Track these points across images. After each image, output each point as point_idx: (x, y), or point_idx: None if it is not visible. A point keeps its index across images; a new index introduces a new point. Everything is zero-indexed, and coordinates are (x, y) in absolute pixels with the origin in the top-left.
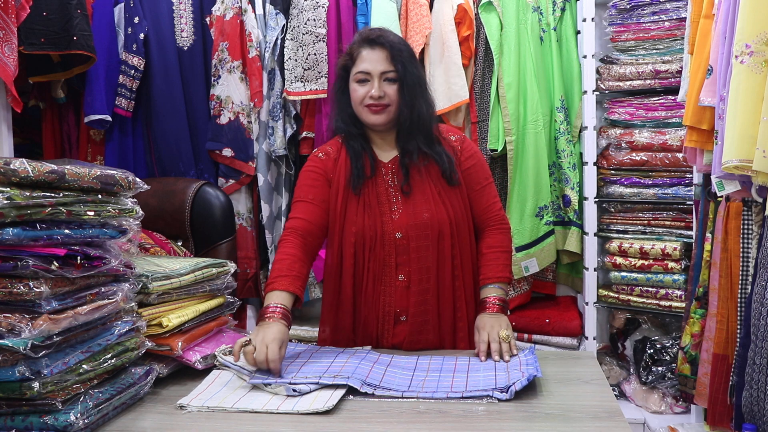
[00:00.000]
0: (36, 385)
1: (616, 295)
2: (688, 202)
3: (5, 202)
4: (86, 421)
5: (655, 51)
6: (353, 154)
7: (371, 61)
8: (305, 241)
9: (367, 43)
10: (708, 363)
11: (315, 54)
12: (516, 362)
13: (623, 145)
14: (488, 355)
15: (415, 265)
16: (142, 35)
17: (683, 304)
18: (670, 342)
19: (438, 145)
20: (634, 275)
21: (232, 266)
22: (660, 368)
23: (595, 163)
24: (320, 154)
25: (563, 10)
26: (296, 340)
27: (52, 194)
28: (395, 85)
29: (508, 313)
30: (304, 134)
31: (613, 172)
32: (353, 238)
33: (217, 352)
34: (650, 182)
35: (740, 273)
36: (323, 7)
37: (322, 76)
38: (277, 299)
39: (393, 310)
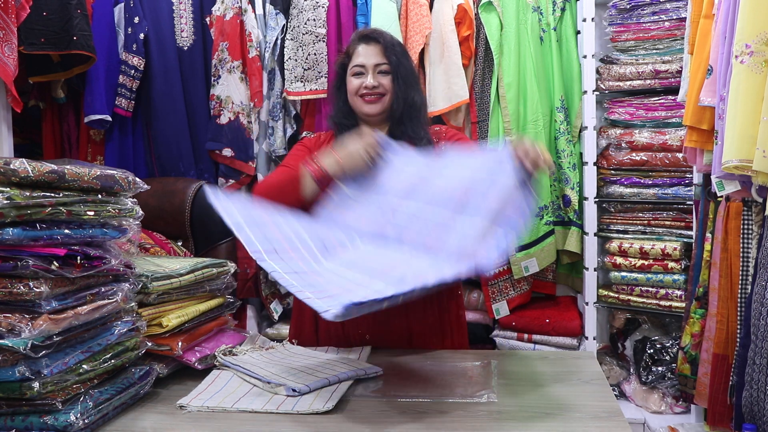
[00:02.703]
0: (36, 385)
1: (616, 295)
2: (688, 202)
3: (5, 202)
4: (86, 421)
5: (655, 51)
6: (339, 139)
7: (366, 55)
8: None
9: (362, 39)
10: (708, 363)
11: (315, 54)
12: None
13: (623, 145)
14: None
15: None
16: (142, 35)
17: (683, 304)
18: (670, 342)
19: (425, 133)
20: (634, 275)
21: (232, 266)
22: (660, 368)
23: (595, 163)
24: (312, 134)
25: (563, 10)
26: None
27: (52, 194)
28: (389, 76)
29: None
30: (304, 134)
31: (613, 172)
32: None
33: (217, 352)
34: (650, 182)
35: (740, 273)
36: (323, 7)
37: (322, 76)
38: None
39: None
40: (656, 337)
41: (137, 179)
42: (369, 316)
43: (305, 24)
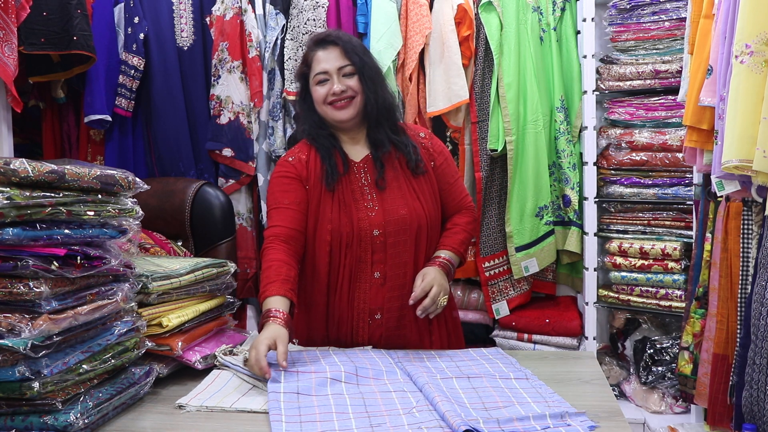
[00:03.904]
0: (36, 385)
1: (616, 295)
2: (688, 202)
3: (5, 202)
4: (86, 421)
5: (655, 51)
6: (324, 152)
7: (326, 60)
8: (288, 246)
9: (319, 44)
10: (708, 363)
11: None
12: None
13: (623, 145)
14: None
15: (390, 261)
16: (142, 35)
17: (683, 304)
18: (670, 342)
19: (404, 135)
20: (634, 275)
21: (232, 266)
22: (660, 368)
23: (595, 163)
24: (290, 158)
25: (563, 10)
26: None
27: (52, 194)
28: (355, 77)
29: (451, 279)
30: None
31: (613, 172)
32: (329, 236)
33: (217, 352)
34: (650, 182)
35: (740, 273)
36: (323, 7)
37: None
38: (270, 304)
39: (367, 307)
40: (656, 337)
41: (137, 179)
42: (382, 328)
43: (305, 24)
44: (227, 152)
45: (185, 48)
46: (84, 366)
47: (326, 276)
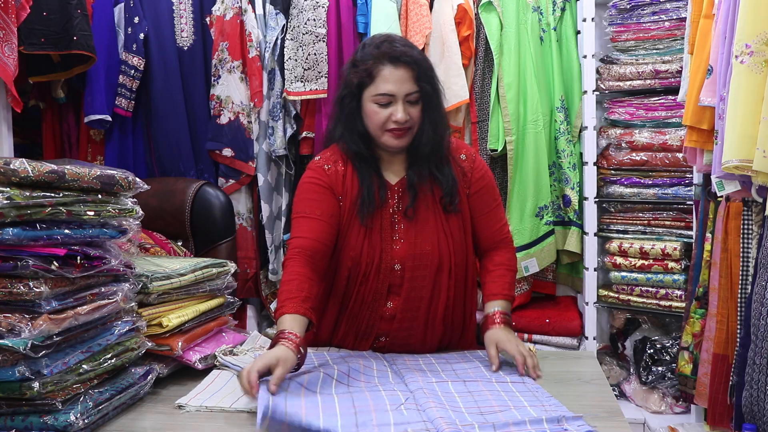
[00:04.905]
0: (36, 385)
1: (616, 295)
2: (688, 202)
3: (5, 202)
4: (86, 421)
5: (655, 51)
6: (363, 179)
7: (395, 81)
8: (313, 261)
9: (390, 60)
10: (708, 363)
11: (315, 54)
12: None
13: (623, 145)
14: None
15: (405, 295)
16: (142, 35)
17: (683, 304)
18: (670, 342)
19: (447, 165)
20: (634, 275)
21: (232, 266)
22: (660, 368)
23: (595, 163)
24: (325, 166)
25: (563, 10)
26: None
27: (52, 194)
28: (419, 106)
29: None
30: (304, 134)
31: (613, 172)
32: (349, 263)
33: (217, 352)
34: (650, 182)
35: (740, 273)
36: (323, 7)
37: (322, 76)
38: (285, 324)
39: (374, 332)
40: (656, 337)
41: (137, 179)
42: (385, 350)
43: (305, 24)
44: (227, 152)
45: (185, 48)
46: (84, 366)
47: (340, 296)
